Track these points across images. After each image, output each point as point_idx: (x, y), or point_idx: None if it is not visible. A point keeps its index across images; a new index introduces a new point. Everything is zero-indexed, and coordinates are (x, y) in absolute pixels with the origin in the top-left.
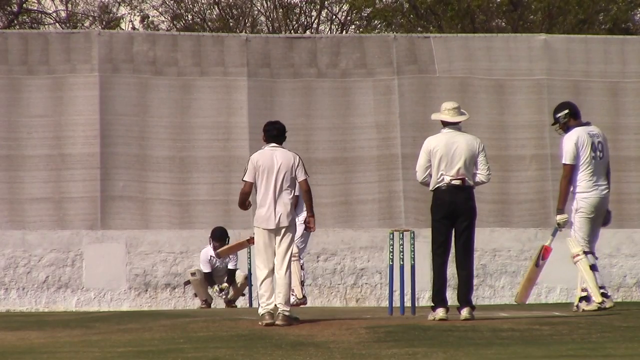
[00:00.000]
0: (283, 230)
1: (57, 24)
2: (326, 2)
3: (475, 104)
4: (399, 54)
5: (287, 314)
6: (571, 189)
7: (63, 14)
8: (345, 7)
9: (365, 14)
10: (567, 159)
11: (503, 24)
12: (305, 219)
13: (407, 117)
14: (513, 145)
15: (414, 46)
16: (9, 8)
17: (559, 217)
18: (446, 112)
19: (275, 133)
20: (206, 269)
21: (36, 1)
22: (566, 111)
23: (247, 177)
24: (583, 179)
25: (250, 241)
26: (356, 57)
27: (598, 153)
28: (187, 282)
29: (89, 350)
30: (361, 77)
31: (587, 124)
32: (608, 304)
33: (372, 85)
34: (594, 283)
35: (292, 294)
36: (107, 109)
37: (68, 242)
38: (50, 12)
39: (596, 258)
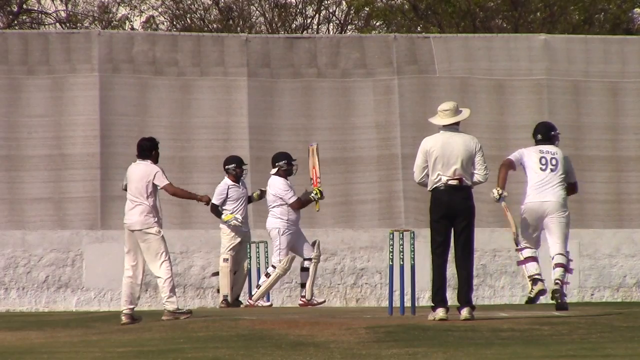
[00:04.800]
0: None
1: (57, 24)
2: (325, 2)
3: (475, 104)
4: (399, 54)
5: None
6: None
7: (63, 14)
8: (344, 6)
9: (364, 14)
10: (511, 155)
11: (503, 24)
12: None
13: (407, 117)
14: (513, 145)
15: (414, 46)
16: (9, 8)
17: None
18: (440, 113)
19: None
20: (217, 201)
21: (36, 1)
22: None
23: None
24: (528, 185)
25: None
26: (356, 57)
27: (550, 167)
28: (216, 273)
29: (89, 350)
30: (361, 77)
31: (544, 144)
32: (536, 289)
33: (372, 85)
34: (526, 273)
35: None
36: (107, 109)
37: (68, 242)
38: (50, 12)
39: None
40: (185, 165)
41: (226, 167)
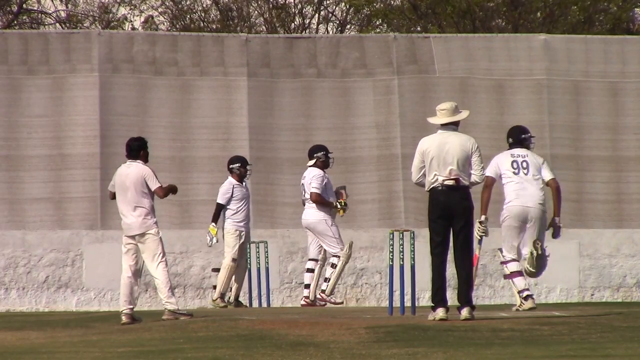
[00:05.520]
0: None
1: (57, 24)
2: (324, 2)
3: (475, 104)
4: (399, 54)
5: None
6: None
7: (63, 14)
8: (344, 6)
9: (364, 15)
10: (488, 171)
11: (503, 24)
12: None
13: (407, 117)
14: None
15: (414, 46)
16: (9, 8)
17: (476, 229)
18: (438, 113)
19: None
20: (222, 200)
21: (36, 1)
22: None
23: None
24: (506, 190)
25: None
26: (356, 57)
27: (522, 170)
28: (216, 269)
29: (89, 350)
30: (361, 77)
31: (516, 147)
32: (526, 306)
33: (372, 85)
34: (515, 288)
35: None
36: (107, 109)
37: (68, 242)
38: (50, 12)
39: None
40: (185, 165)
41: (230, 166)
